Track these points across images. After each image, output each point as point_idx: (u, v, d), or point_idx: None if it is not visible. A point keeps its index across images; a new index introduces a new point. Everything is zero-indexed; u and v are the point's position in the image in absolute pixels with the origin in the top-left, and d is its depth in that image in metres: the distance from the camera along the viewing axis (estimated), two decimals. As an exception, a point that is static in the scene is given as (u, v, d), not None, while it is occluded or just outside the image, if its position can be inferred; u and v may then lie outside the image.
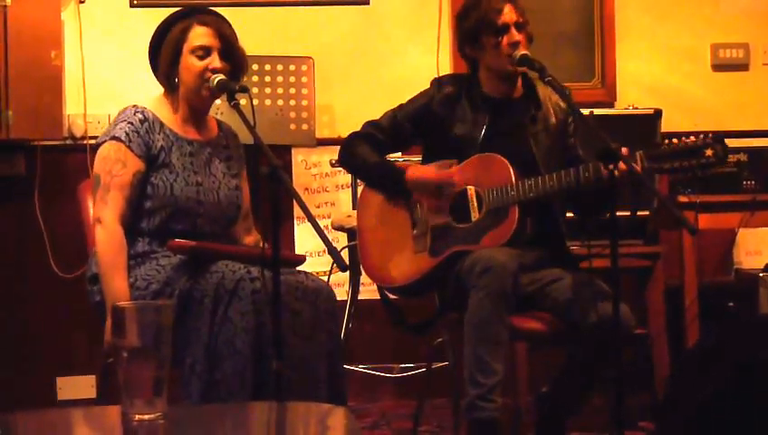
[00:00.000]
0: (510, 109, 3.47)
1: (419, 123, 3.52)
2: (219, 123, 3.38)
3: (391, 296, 3.70)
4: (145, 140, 3.14)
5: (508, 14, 3.37)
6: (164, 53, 3.19)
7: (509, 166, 3.34)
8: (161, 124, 3.19)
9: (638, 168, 3.12)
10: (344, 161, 3.63)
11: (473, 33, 3.43)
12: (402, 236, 3.47)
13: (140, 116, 3.17)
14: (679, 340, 4.25)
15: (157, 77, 3.26)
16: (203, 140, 3.26)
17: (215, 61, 3.15)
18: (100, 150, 3.16)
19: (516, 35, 3.36)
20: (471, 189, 3.39)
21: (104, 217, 3.08)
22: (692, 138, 3.14)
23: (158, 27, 3.23)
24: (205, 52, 3.16)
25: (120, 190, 3.10)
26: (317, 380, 3.01)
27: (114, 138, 3.13)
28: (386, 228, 3.51)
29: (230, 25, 3.25)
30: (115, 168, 3.11)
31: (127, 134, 3.12)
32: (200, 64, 3.15)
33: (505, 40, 3.36)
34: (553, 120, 3.47)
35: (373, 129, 3.56)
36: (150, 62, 3.25)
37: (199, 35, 3.17)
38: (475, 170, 3.39)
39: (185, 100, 3.22)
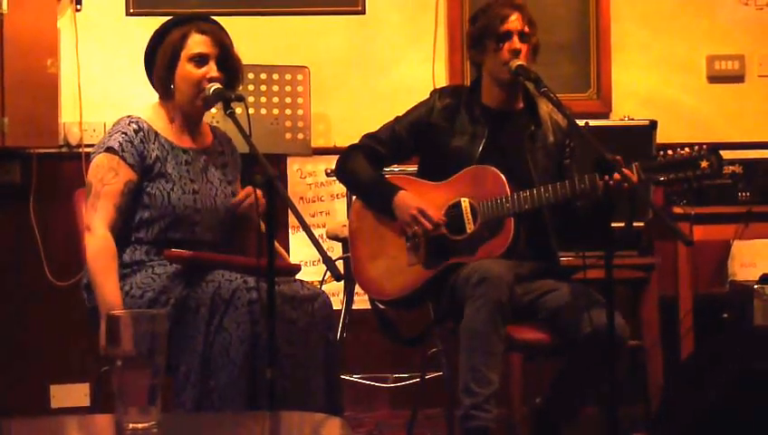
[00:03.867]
0: (509, 122, 3.46)
1: (418, 134, 3.50)
2: (213, 130, 3.37)
3: (382, 307, 3.68)
4: (139, 150, 3.13)
5: (514, 22, 3.37)
6: (160, 58, 3.18)
7: (503, 178, 3.33)
8: (156, 134, 3.18)
9: (635, 178, 3.12)
10: (339, 175, 3.61)
11: (478, 37, 3.43)
12: (396, 248, 3.46)
13: (135, 126, 3.16)
14: (673, 351, 4.26)
15: (152, 83, 3.25)
16: (198, 148, 3.26)
17: (212, 70, 3.15)
18: (94, 160, 3.15)
19: (517, 44, 3.35)
20: (465, 201, 3.38)
21: (93, 225, 3.07)
22: (687, 149, 3.14)
23: (156, 32, 3.22)
24: (202, 59, 3.15)
25: (109, 198, 3.09)
26: (312, 389, 3.00)
27: (108, 148, 3.13)
28: (379, 241, 3.49)
29: (227, 34, 3.25)
30: (107, 176, 3.10)
31: (120, 144, 3.12)
32: (197, 73, 3.15)
33: (506, 47, 3.36)
34: (552, 139, 3.46)
35: (372, 141, 3.55)
36: (146, 68, 3.25)
37: (198, 43, 3.16)
38: (469, 183, 3.38)
39: (179, 107, 3.21)
